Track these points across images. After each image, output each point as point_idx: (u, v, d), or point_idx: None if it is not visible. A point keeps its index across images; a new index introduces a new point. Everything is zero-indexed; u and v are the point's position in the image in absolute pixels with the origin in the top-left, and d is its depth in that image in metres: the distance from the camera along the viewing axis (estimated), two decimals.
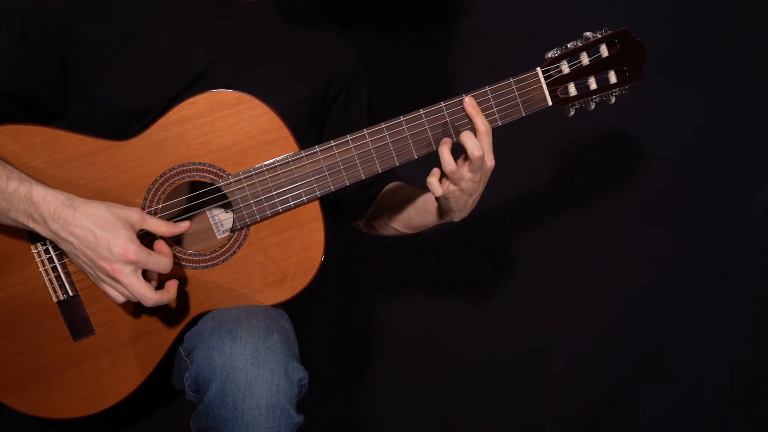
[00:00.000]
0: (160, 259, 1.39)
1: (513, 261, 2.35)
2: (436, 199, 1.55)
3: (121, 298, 1.40)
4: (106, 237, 1.34)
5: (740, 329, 2.34)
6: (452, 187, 1.49)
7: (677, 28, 2.12)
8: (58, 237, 1.36)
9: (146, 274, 1.41)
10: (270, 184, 1.48)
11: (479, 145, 1.45)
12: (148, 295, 1.38)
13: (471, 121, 1.47)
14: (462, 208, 1.55)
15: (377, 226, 1.80)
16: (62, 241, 1.37)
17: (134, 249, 1.35)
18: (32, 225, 1.36)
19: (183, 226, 1.44)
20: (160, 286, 1.44)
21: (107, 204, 1.38)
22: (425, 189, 1.64)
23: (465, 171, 1.47)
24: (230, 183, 1.47)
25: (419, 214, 1.67)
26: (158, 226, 1.41)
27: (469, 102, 1.47)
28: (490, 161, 1.48)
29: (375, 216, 1.79)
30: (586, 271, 2.32)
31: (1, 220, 1.38)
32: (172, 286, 1.44)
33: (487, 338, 2.37)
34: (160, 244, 1.43)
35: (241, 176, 1.47)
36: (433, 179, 1.48)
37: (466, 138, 1.46)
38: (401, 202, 1.71)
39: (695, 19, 2.13)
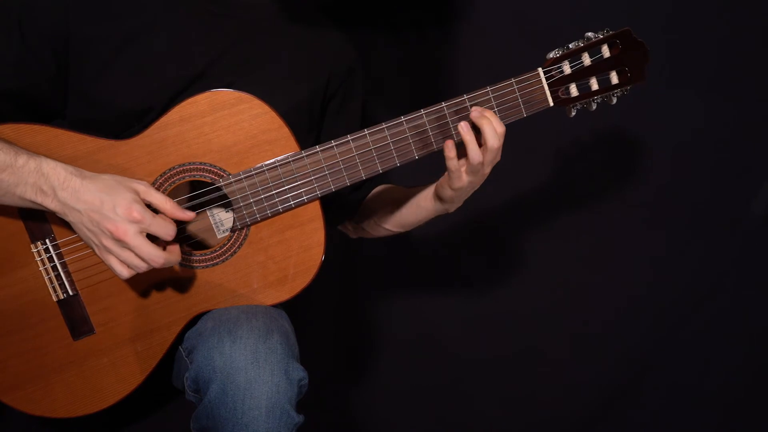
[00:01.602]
0: (164, 223, 1.38)
1: (513, 261, 2.35)
2: (441, 191, 1.55)
3: (125, 272, 1.38)
4: (111, 199, 1.35)
5: (740, 329, 2.34)
6: (466, 180, 1.49)
7: (678, 28, 2.12)
8: (66, 206, 1.37)
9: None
10: (270, 184, 1.48)
11: (498, 136, 1.45)
12: (156, 254, 1.37)
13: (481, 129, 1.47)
14: (463, 198, 1.56)
15: (367, 227, 1.79)
16: (70, 210, 1.37)
17: (138, 208, 1.35)
18: (40, 198, 1.37)
19: (188, 214, 1.43)
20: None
21: (114, 175, 1.40)
22: (416, 187, 1.65)
23: (482, 161, 1.47)
24: (231, 183, 1.47)
25: (412, 211, 1.67)
26: (162, 201, 1.41)
27: (476, 112, 1.46)
28: (499, 156, 1.49)
29: (363, 218, 1.78)
30: (586, 271, 2.32)
31: (7, 200, 1.38)
32: (175, 248, 1.43)
33: (487, 338, 2.37)
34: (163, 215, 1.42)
35: (242, 176, 1.47)
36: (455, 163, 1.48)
37: (486, 125, 1.45)
38: (392, 202, 1.71)
39: (695, 19, 2.13)
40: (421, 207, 1.64)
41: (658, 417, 2.39)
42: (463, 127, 1.46)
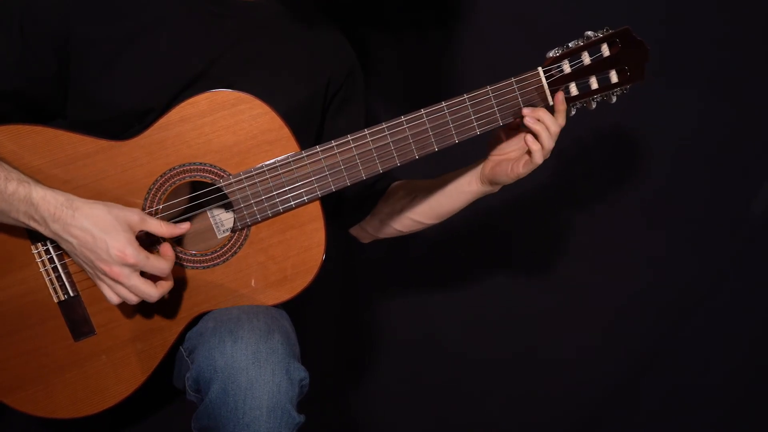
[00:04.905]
0: (159, 263, 1.38)
1: (513, 261, 2.35)
2: (499, 178, 1.58)
3: (116, 299, 1.39)
4: (104, 239, 1.34)
5: (740, 329, 2.34)
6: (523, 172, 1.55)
7: (678, 27, 2.12)
8: (59, 237, 1.37)
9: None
10: (271, 184, 1.48)
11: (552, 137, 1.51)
12: (152, 293, 1.38)
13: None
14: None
15: (394, 223, 1.78)
16: (63, 241, 1.37)
17: (132, 252, 1.35)
18: (34, 225, 1.37)
19: (183, 227, 1.44)
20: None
21: (107, 205, 1.38)
22: (448, 174, 1.67)
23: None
24: (231, 183, 1.47)
25: (452, 198, 1.67)
26: (158, 227, 1.41)
27: (530, 120, 1.51)
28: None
29: (386, 215, 1.78)
30: (586, 271, 2.32)
31: (3, 220, 1.38)
32: (167, 282, 1.43)
33: (488, 338, 2.37)
34: (164, 248, 1.42)
35: (242, 176, 1.47)
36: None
37: (542, 132, 1.50)
38: (422, 192, 1.71)
39: (696, 19, 2.13)
40: (464, 192, 1.65)
41: (658, 417, 2.39)
42: (530, 139, 1.51)
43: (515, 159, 1.56)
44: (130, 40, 1.49)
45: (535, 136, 1.51)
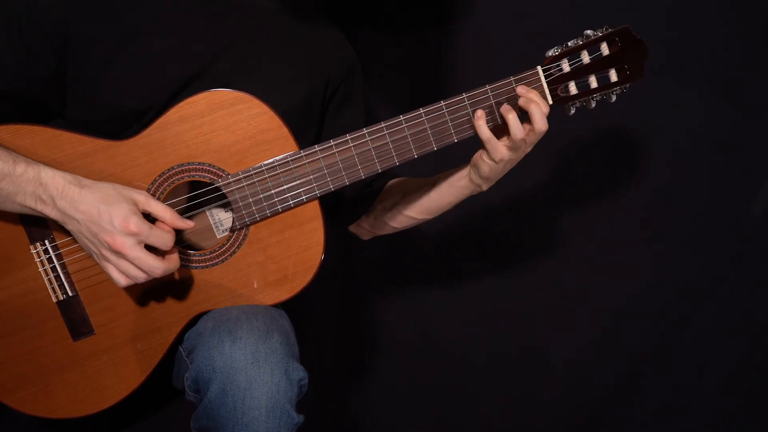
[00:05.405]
0: (162, 234, 1.39)
1: (513, 261, 2.35)
2: (479, 164, 1.55)
3: (122, 280, 1.39)
4: (108, 210, 1.35)
5: (740, 329, 2.33)
6: (506, 154, 1.50)
7: (678, 26, 2.12)
8: (65, 215, 1.37)
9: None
10: (269, 184, 1.48)
11: (545, 120, 1.47)
12: (156, 265, 1.38)
13: (523, 105, 1.49)
14: (500, 175, 1.57)
15: (388, 220, 1.78)
16: (69, 219, 1.38)
17: (135, 221, 1.36)
18: (40, 207, 1.37)
19: (188, 223, 1.44)
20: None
21: (113, 183, 1.40)
22: (443, 172, 1.66)
23: (525, 139, 1.49)
24: (230, 183, 1.47)
25: (443, 193, 1.67)
26: (162, 210, 1.41)
27: (522, 96, 1.48)
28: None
29: (382, 210, 1.78)
30: (586, 271, 2.31)
31: (7, 207, 1.39)
32: (174, 256, 1.43)
33: (488, 338, 2.36)
34: (162, 224, 1.42)
35: (241, 176, 1.47)
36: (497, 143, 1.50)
37: (535, 110, 1.46)
38: (416, 189, 1.71)
39: (696, 18, 2.13)
40: (454, 187, 1.64)
41: (658, 417, 2.39)
42: (505, 107, 1.47)
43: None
44: (129, 39, 1.49)
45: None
